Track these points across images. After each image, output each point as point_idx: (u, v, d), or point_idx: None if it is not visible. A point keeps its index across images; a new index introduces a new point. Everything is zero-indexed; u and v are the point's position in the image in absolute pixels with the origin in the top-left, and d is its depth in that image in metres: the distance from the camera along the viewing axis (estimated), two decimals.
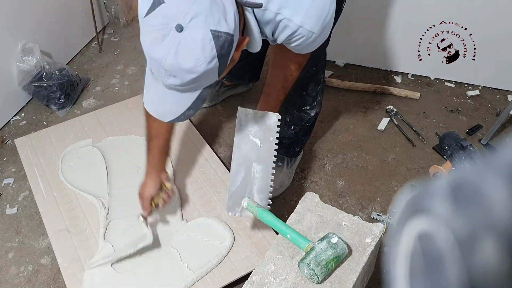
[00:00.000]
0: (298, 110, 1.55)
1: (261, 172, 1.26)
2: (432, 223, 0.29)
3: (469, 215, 0.27)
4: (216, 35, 0.83)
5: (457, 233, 0.27)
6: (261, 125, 1.24)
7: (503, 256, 0.24)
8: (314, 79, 1.46)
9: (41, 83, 1.99)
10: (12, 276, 1.49)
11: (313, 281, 1.11)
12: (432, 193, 0.31)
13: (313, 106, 1.55)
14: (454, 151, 1.73)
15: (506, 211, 0.25)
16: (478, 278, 0.25)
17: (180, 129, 1.83)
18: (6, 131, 2.01)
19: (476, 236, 0.26)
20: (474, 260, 0.25)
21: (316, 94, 1.52)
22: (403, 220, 0.33)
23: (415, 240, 0.31)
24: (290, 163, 1.74)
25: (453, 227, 0.27)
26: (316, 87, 1.50)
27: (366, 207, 1.66)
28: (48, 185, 1.63)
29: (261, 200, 1.27)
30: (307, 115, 1.57)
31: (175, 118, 0.95)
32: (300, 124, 1.60)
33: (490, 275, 0.25)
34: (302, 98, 1.52)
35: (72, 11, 2.29)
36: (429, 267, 0.29)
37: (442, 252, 0.28)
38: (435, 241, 0.28)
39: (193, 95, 0.92)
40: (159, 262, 1.39)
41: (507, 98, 2.07)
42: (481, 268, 0.25)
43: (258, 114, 1.24)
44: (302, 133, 1.65)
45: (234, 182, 1.26)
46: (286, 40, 1.05)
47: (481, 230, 0.26)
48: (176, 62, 0.84)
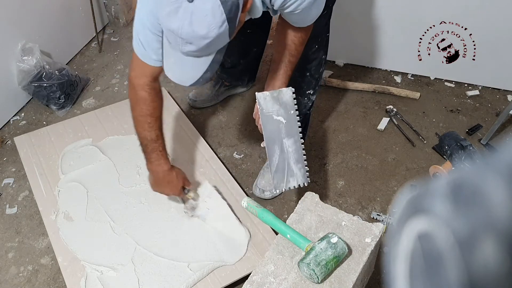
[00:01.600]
0: (302, 95, 1.57)
1: (293, 145, 1.33)
2: (432, 223, 0.29)
3: (469, 215, 0.27)
4: (223, 1, 0.91)
5: (457, 233, 0.27)
6: (279, 103, 1.31)
7: (503, 256, 0.24)
8: (317, 58, 1.48)
9: (41, 83, 1.99)
10: (12, 276, 1.49)
11: (313, 281, 1.11)
12: (432, 193, 0.31)
13: (315, 91, 1.58)
14: (454, 151, 1.73)
15: (506, 211, 0.25)
16: (478, 278, 0.25)
17: (180, 130, 1.83)
18: (6, 131, 2.01)
19: (476, 236, 0.26)
20: (474, 260, 0.25)
21: (319, 77, 1.55)
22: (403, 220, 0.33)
23: (415, 240, 0.31)
24: None
25: (453, 227, 0.27)
26: (319, 68, 1.52)
27: (366, 207, 1.66)
28: (48, 184, 1.63)
29: (300, 169, 1.34)
30: (309, 101, 1.61)
31: (194, 82, 1.03)
32: (303, 113, 1.60)
33: (490, 275, 0.25)
34: (305, 80, 1.54)
35: (72, 11, 2.29)
36: (429, 267, 0.29)
37: (442, 252, 0.28)
38: (435, 241, 0.28)
39: (209, 58, 1.00)
40: (160, 262, 1.39)
41: (507, 98, 2.07)
42: (481, 268, 0.25)
43: (274, 94, 1.30)
44: (304, 124, 1.64)
45: (273, 162, 1.33)
46: (281, 6, 1.11)
47: (481, 230, 0.26)
48: (191, 31, 0.92)
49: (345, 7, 2.06)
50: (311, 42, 1.38)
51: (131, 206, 1.55)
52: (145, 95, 1.28)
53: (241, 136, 1.94)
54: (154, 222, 1.50)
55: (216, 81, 2.05)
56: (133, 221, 1.51)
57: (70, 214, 1.53)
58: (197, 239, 1.44)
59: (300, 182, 1.33)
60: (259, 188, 1.68)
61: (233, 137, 1.94)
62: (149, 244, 1.44)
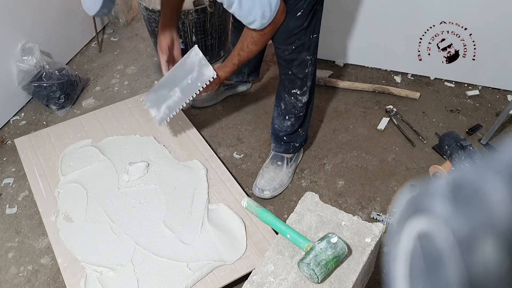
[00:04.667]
0: (288, 93, 1.57)
1: (177, 99, 1.59)
2: (432, 223, 0.29)
3: (469, 215, 0.27)
4: None
5: (457, 233, 0.27)
6: (199, 72, 1.52)
7: (503, 256, 0.24)
8: (298, 58, 1.47)
9: (40, 83, 1.99)
10: (12, 276, 1.49)
11: (313, 281, 1.11)
12: (432, 193, 0.31)
13: (304, 92, 1.56)
14: (453, 151, 1.73)
15: (506, 211, 0.25)
16: (478, 278, 0.25)
17: (180, 129, 1.83)
18: (6, 131, 2.01)
19: (476, 236, 0.26)
20: (473, 260, 0.25)
21: (305, 78, 1.53)
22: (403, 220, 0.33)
23: (415, 240, 0.31)
24: (290, 163, 1.75)
25: (453, 227, 0.27)
26: (303, 69, 1.50)
27: (366, 207, 1.66)
28: (48, 185, 1.63)
29: (164, 113, 1.64)
30: (298, 102, 1.59)
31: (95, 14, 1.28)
32: (294, 113, 1.62)
33: (489, 275, 0.25)
34: (289, 78, 1.53)
35: (72, 11, 2.29)
36: (429, 267, 0.29)
37: (442, 252, 0.28)
38: (435, 241, 0.28)
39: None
40: (159, 262, 1.39)
41: (507, 98, 2.07)
42: (481, 268, 0.25)
43: (202, 62, 1.50)
44: (298, 124, 1.66)
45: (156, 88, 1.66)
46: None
47: (481, 230, 0.26)
48: None
49: (345, 7, 2.06)
50: (285, 43, 1.42)
51: (130, 206, 1.55)
52: None
53: (241, 136, 1.94)
54: (154, 222, 1.50)
55: None
56: (132, 221, 1.51)
57: (70, 215, 1.53)
58: (196, 239, 1.44)
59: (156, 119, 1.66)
60: (258, 188, 1.68)
61: (233, 137, 1.94)
62: (148, 244, 1.44)
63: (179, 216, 1.52)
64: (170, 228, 1.48)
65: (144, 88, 2.19)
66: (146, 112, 1.91)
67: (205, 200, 1.56)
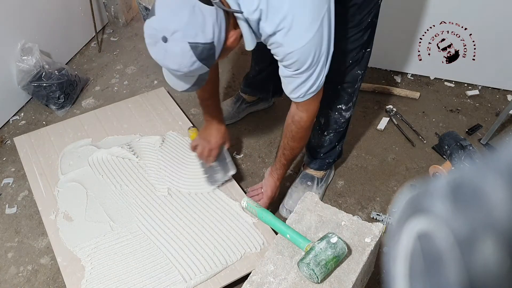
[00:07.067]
0: (332, 108, 1.49)
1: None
2: (432, 223, 0.29)
3: (469, 215, 0.27)
4: (194, 46, 1.00)
5: (456, 233, 0.27)
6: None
7: (503, 256, 0.24)
8: (351, 74, 1.41)
9: (40, 82, 1.99)
10: (11, 276, 1.49)
11: (313, 281, 1.11)
12: (432, 193, 0.31)
13: (349, 107, 1.49)
14: (453, 151, 1.73)
15: (506, 211, 0.25)
16: (478, 278, 0.25)
17: (181, 130, 1.83)
18: (6, 130, 2.00)
19: (476, 236, 0.26)
20: (473, 260, 0.25)
21: (353, 93, 1.46)
22: (403, 220, 0.33)
23: (415, 240, 0.31)
24: (320, 183, 1.67)
25: (452, 227, 0.27)
26: (354, 84, 1.44)
27: (365, 207, 1.66)
28: (48, 184, 1.63)
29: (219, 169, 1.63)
30: (342, 117, 1.51)
31: (184, 90, 1.15)
32: (334, 128, 1.54)
33: (489, 275, 0.25)
34: (337, 93, 1.45)
35: (71, 11, 2.29)
36: (428, 267, 0.29)
37: (441, 252, 0.28)
38: (435, 241, 0.28)
39: (192, 78, 1.12)
40: (159, 262, 1.39)
41: (507, 98, 2.07)
42: (481, 268, 0.25)
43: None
44: (337, 140, 1.59)
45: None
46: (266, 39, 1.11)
47: (481, 230, 0.26)
48: (165, 64, 1.06)
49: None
50: (344, 58, 1.36)
51: (130, 206, 1.55)
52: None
53: (241, 136, 1.94)
54: (153, 222, 1.50)
55: (237, 98, 1.97)
56: (132, 221, 1.51)
57: (69, 214, 1.53)
58: (196, 239, 1.44)
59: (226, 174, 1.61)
60: (286, 209, 1.62)
61: (233, 137, 1.94)
62: (148, 244, 1.44)
63: (179, 216, 1.52)
64: (170, 228, 1.48)
65: (144, 88, 2.19)
66: (146, 112, 1.91)
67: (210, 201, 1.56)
